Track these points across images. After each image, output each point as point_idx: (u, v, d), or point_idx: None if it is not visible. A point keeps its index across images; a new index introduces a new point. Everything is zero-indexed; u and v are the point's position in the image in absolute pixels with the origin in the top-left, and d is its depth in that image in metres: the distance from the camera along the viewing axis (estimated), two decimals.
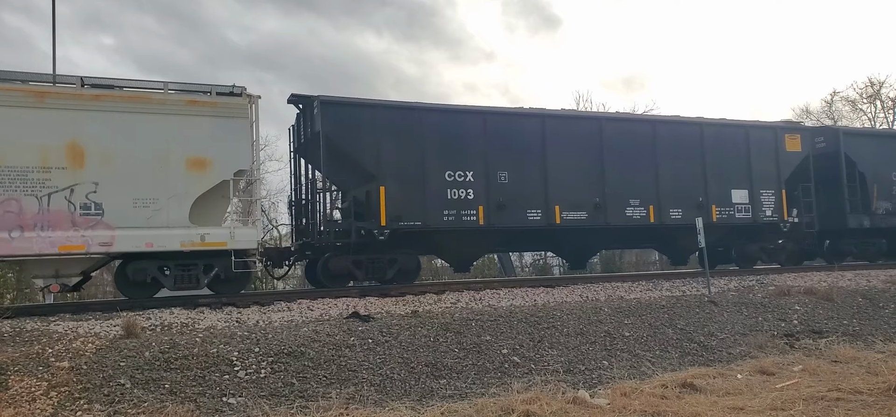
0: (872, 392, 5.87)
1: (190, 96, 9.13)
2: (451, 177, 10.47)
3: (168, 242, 8.70)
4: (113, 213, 8.47)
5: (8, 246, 7.98)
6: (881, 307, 10.18)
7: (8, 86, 8.40)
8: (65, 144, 8.34)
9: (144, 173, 8.68)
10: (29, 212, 8.13)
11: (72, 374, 5.79)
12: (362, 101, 10.47)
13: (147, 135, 8.73)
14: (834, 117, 29.17)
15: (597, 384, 6.58)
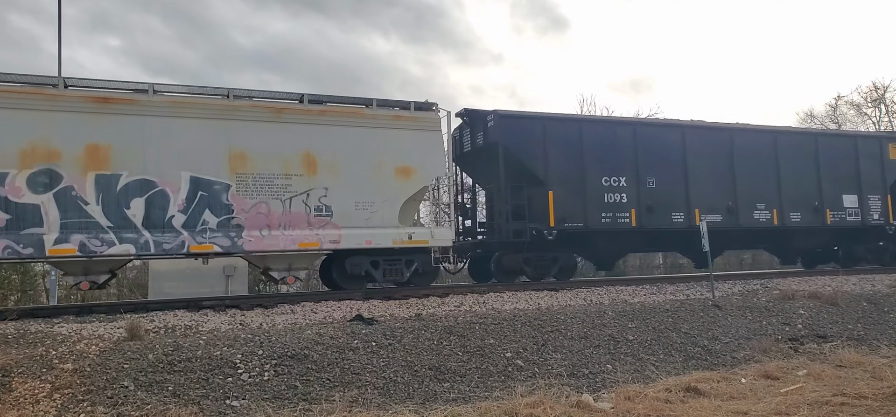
0: (877, 396, 5.83)
1: (394, 112, 10.40)
2: (607, 183, 11.70)
3: (382, 240, 9.98)
4: (340, 215, 9.77)
5: (260, 242, 9.29)
6: (886, 311, 10.13)
7: (255, 103, 9.67)
8: (301, 154, 9.62)
9: (363, 180, 9.94)
10: (275, 214, 9.41)
11: (75, 376, 5.80)
12: (533, 115, 11.73)
13: (363, 146, 10.00)
14: (838, 121, 29.12)
15: (600, 388, 6.56)
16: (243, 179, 9.29)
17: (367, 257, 10.02)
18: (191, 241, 8.99)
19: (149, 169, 8.86)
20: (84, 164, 8.59)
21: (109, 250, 8.65)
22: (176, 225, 8.95)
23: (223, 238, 9.14)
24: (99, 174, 8.62)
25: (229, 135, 9.29)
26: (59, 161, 8.47)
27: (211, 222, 9.08)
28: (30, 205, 8.32)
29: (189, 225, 8.99)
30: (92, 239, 8.54)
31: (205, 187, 9.12)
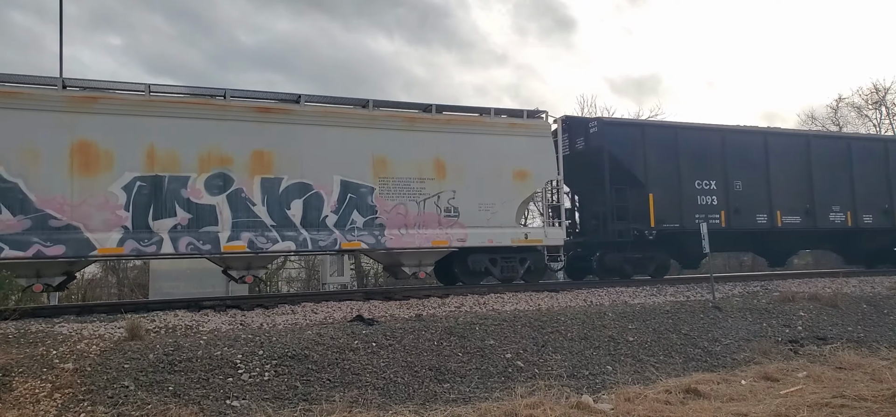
0: (877, 398, 5.83)
1: (511, 119, 11.19)
2: (700, 186, 12.50)
3: (502, 239, 10.79)
4: (465, 215, 10.58)
5: (399, 240, 10.13)
6: (886, 313, 10.14)
7: (391, 112, 10.53)
8: (432, 160, 10.46)
9: (485, 183, 10.73)
10: (411, 214, 10.29)
11: (76, 376, 5.81)
12: (633, 121, 13.29)
13: (485, 151, 10.77)
14: (839, 123, 29.12)
15: (600, 389, 6.57)
16: (385, 183, 10.19)
17: (487, 255, 10.91)
18: (342, 239, 9.84)
19: (306, 173, 9.69)
20: (251, 169, 9.43)
21: (274, 247, 9.49)
22: (329, 225, 9.81)
23: (369, 236, 10.01)
24: (264, 177, 9.46)
25: (372, 142, 10.16)
26: (230, 166, 9.31)
27: (358, 222, 9.97)
28: (207, 206, 9.17)
29: (340, 224, 9.86)
30: (259, 236, 9.34)
31: (353, 190, 10.00)
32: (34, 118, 8.46)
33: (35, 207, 8.37)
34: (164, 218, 8.91)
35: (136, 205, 8.79)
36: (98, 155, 8.66)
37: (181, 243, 8.97)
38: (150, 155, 8.89)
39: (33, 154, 8.40)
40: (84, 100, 8.76)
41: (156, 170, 8.90)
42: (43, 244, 8.36)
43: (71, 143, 8.57)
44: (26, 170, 8.35)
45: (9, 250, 8.20)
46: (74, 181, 8.53)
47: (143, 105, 9.00)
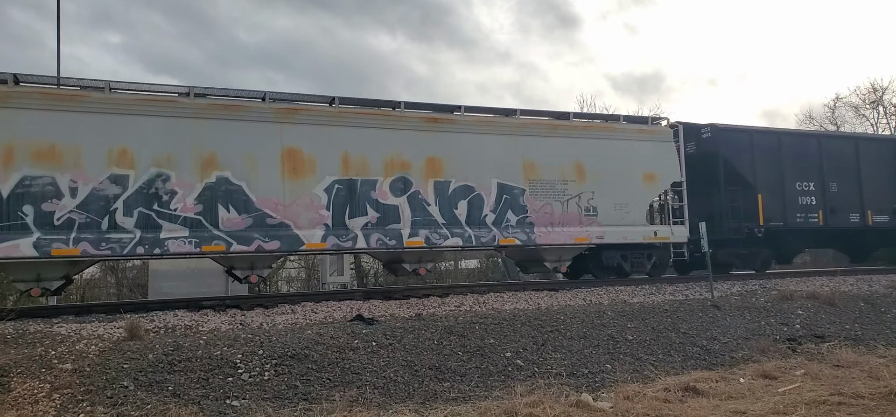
0: (874, 396, 5.86)
1: (638, 126, 12.23)
2: (800, 187, 13.50)
3: (634, 236, 11.72)
4: (603, 214, 11.50)
5: (547, 237, 11.08)
6: (883, 311, 10.17)
7: (536, 120, 11.53)
8: (573, 163, 11.42)
9: (619, 184, 11.64)
10: (556, 213, 11.22)
11: (75, 376, 5.80)
12: (742, 127, 13.81)
13: (618, 155, 11.69)
14: (837, 122, 29.18)
15: (600, 387, 6.58)
16: (534, 184, 11.14)
17: (618, 251, 11.85)
18: (499, 236, 10.75)
19: (469, 176, 10.68)
20: (425, 173, 10.44)
21: (445, 243, 10.44)
22: (488, 223, 10.74)
23: (521, 233, 10.94)
24: (436, 180, 10.48)
25: (521, 147, 11.13)
26: (409, 170, 10.32)
27: (512, 220, 10.90)
28: (392, 206, 10.17)
29: (497, 222, 10.77)
30: (433, 233, 10.34)
31: (508, 191, 10.93)
32: (251, 128, 9.48)
33: (255, 207, 9.34)
34: (358, 216, 9.93)
35: (335, 205, 9.80)
36: (303, 161, 9.69)
37: (372, 239, 9.97)
38: (345, 160, 9.93)
39: (252, 160, 9.39)
40: (288, 111, 9.81)
41: (350, 175, 9.93)
42: (262, 240, 9.32)
43: (281, 150, 9.57)
44: (248, 174, 9.33)
45: (236, 245, 9.17)
46: (285, 184, 9.55)
47: (336, 116, 10.05)
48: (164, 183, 8.89)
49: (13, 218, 8.20)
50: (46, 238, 8.28)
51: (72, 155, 8.49)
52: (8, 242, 8.12)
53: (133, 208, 8.72)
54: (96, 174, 8.59)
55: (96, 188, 8.58)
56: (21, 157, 8.28)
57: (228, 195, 9.17)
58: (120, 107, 8.89)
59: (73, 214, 8.46)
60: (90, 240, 8.46)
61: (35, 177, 8.31)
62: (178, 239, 8.89)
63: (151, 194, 8.82)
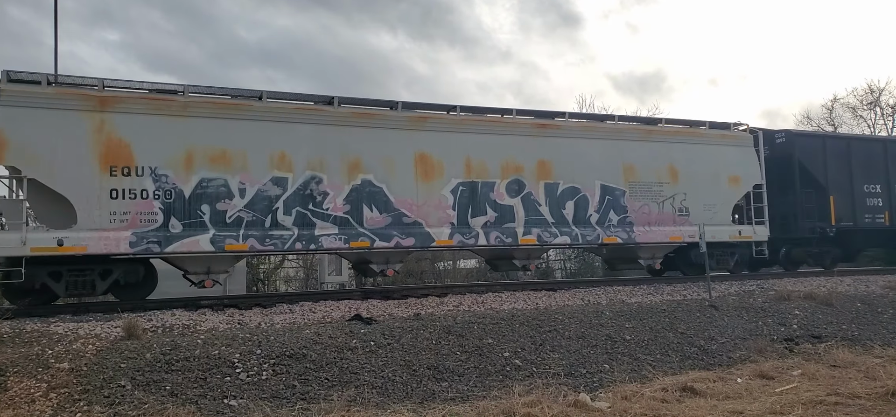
0: (870, 396, 5.88)
1: (721, 131, 13.08)
2: (867, 189, 14.35)
3: (722, 235, 12.43)
4: (694, 214, 12.25)
5: (645, 236, 11.93)
6: (880, 312, 10.21)
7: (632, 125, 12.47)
8: (667, 166, 12.22)
9: (707, 186, 12.45)
10: (653, 214, 12.02)
11: (72, 376, 5.78)
12: (815, 133, 15.97)
13: (706, 159, 12.51)
14: (835, 123, 29.27)
15: (598, 387, 6.59)
16: (633, 186, 11.90)
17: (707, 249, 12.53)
18: (603, 235, 11.52)
19: (575, 178, 11.43)
20: (537, 175, 11.21)
21: (554, 240, 11.25)
22: (592, 222, 11.49)
23: (622, 232, 11.66)
24: (546, 183, 11.25)
25: (620, 151, 11.89)
26: (522, 173, 11.09)
27: (614, 220, 11.65)
28: (508, 206, 10.94)
29: (600, 222, 11.55)
30: (544, 232, 11.11)
31: (610, 192, 11.69)
32: (387, 135, 10.28)
33: (394, 207, 10.17)
34: (479, 216, 10.73)
35: (459, 205, 10.61)
36: (433, 164, 10.52)
37: (491, 236, 10.76)
38: (468, 164, 10.74)
39: (390, 164, 10.21)
40: (418, 119, 10.64)
41: (472, 177, 10.75)
42: (400, 237, 10.15)
43: (414, 155, 10.40)
44: (387, 177, 10.15)
45: (378, 241, 9.98)
46: (418, 186, 10.37)
47: (458, 123, 10.88)
48: (318, 184, 9.75)
49: (193, 217, 9.05)
50: (220, 234, 9.12)
51: (240, 159, 9.34)
52: (190, 238, 8.96)
53: (292, 207, 9.55)
54: (260, 176, 9.42)
55: (261, 189, 9.42)
56: (199, 161, 9.12)
57: (371, 196, 10.06)
58: (278, 116, 9.71)
59: (242, 213, 9.31)
60: (256, 237, 9.31)
61: (211, 179, 9.18)
62: (329, 235, 9.73)
63: (307, 195, 9.67)
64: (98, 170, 8.61)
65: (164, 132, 8.98)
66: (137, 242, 8.69)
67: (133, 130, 8.82)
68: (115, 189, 8.66)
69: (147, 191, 8.81)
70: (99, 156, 8.64)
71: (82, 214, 8.48)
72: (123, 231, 8.66)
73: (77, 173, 8.50)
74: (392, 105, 10.59)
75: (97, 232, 8.50)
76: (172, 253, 8.93)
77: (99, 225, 8.53)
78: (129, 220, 8.70)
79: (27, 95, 8.49)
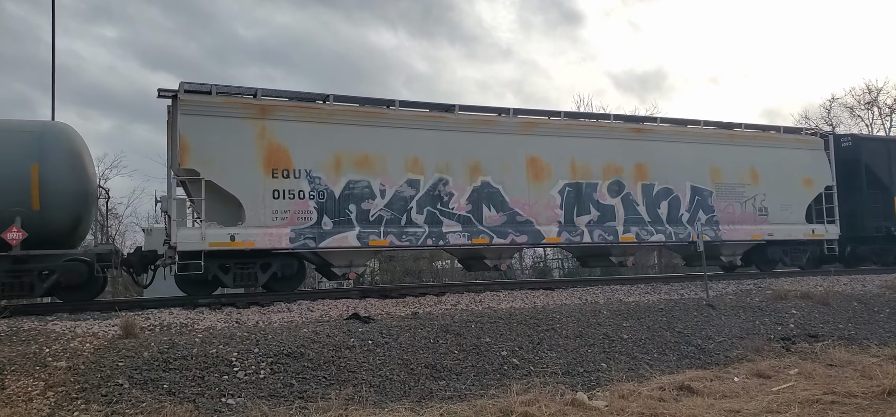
0: (867, 395, 5.91)
1: (794, 136, 14.03)
2: None
3: (796, 234, 13.37)
4: (772, 214, 13.13)
5: (730, 233, 12.68)
6: (876, 311, 10.24)
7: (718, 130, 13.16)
8: (748, 169, 13.02)
9: (784, 187, 13.28)
10: (736, 213, 12.81)
11: (69, 374, 5.77)
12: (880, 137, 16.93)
13: (781, 161, 13.32)
14: (832, 123, 29.35)
15: (595, 386, 6.60)
16: (719, 187, 12.70)
17: (781, 247, 13.42)
18: (693, 232, 12.07)
19: (668, 180, 12.23)
20: (635, 177, 11.98)
21: (650, 238, 12.02)
22: (683, 221, 12.30)
23: (710, 230, 12.41)
24: (643, 184, 12.03)
25: (707, 154, 12.66)
26: (621, 174, 11.88)
27: (703, 219, 12.44)
28: (609, 206, 11.73)
29: (690, 221, 12.31)
30: (642, 230, 11.90)
31: (699, 193, 12.53)
32: (502, 140, 11.06)
33: (509, 207, 10.97)
34: (583, 215, 11.52)
35: (566, 204, 11.40)
36: (542, 167, 11.31)
37: (594, 234, 11.55)
38: (573, 166, 11.54)
39: (505, 167, 11.01)
40: (529, 124, 11.49)
41: (577, 178, 11.54)
42: (515, 234, 10.95)
43: (526, 158, 11.19)
44: (503, 178, 10.95)
45: (496, 238, 10.80)
46: (530, 187, 11.17)
47: (564, 128, 11.68)
48: (444, 186, 10.59)
49: (342, 215, 9.92)
50: (365, 231, 9.98)
51: (380, 163, 10.18)
52: (340, 234, 9.82)
53: (423, 207, 10.42)
54: (397, 178, 10.27)
55: (398, 190, 10.26)
56: (346, 165, 10.00)
57: (490, 196, 10.89)
58: (408, 123, 10.53)
59: (383, 212, 10.15)
60: (394, 233, 10.16)
61: (356, 181, 10.03)
62: (454, 232, 10.57)
63: (435, 195, 10.52)
64: (262, 172, 9.45)
65: (315, 137, 9.83)
66: (296, 238, 9.53)
67: (289, 136, 9.66)
68: (277, 189, 9.53)
69: (303, 191, 9.67)
70: (262, 160, 9.48)
71: (249, 213, 9.31)
72: (284, 228, 9.46)
73: (245, 175, 9.35)
74: (504, 111, 11.45)
75: (262, 229, 9.34)
76: (325, 248, 9.74)
77: (263, 223, 9.36)
78: (289, 218, 9.53)
79: (201, 104, 9.31)
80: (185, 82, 9.33)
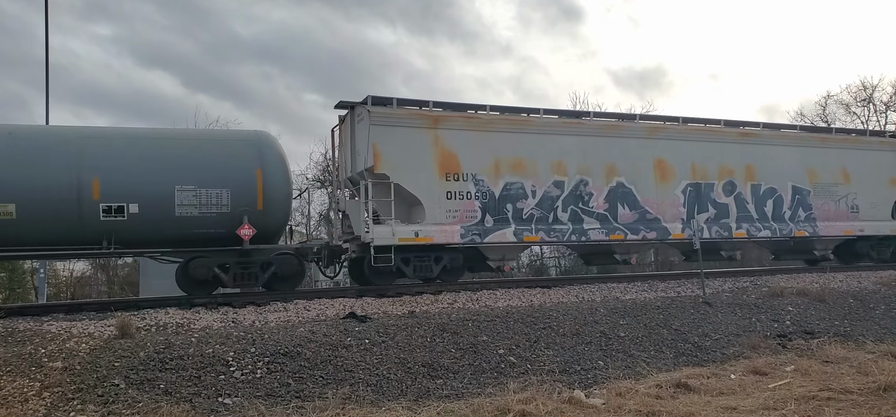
0: (863, 391, 5.93)
1: (881, 139, 15.46)
2: None
3: (884, 230, 14.59)
4: (862, 211, 14.39)
5: (825, 229, 13.80)
6: (872, 308, 10.28)
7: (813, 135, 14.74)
8: (840, 169, 14.31)
9: (872, 187, 14.53)
10: (831, 210, 14.09)
11: (65, 374, 5.75)
12: None
13: (870, 163, 14.66)
14: (828, 120, 29.44)
15: (592, 384, 6.61)
16: (816, 187, 13.95)
17: (868, 242, 14.50)
18: (794, 229, 13.52)
19: (772, 180, 13.46)
20: (744, 177, 13.21)
21: (759, 234, 13.20)
22: (786, 219, 13.51)
23: (808, 226, 13.71)
24: (752, 184, 13.28)
25: (804, 156, 13.98)
26: (733, 175, 13.12)
27: (802, 216, 13.67)
28: (723, 204, 12.94)
29: (791, 218, 13.55)
30: (751, 227, 13.12)
31: (798, 192, 13.75)
32: (631, 144, 12.23)
33: (640, 205, 12.15)
34: (702, 213, 12.65)
35: (688, 203, 12.55)
36: (667, 168, 12.47)
37: (712, 231, 12.63)
38: (693, 168, 12.69)
39: (636, 168, 12.10)
40: (654, 129, 12.78)
41: (696, 179, 12.74)
42: (646, 231, 12.12)
43: (653, 160, 12.39)
44: (634, 179, 12.09)
45: (630, 235, 11.95)
46: (657, 187, 12.36)
47: (685, 132, 12.91)
48: (585, 187, 11.74)
49: (501, 214, 11.12)
50: (520, 228, 11.19)
51: (531, 166, 11.39)
52: (499, 231, 11.04)
53: (567, 206, 11.59)
54: (545, 180, 11.48)
55: (546, 191, 11.49)
56: (504, 168, 11.21)
57: (623, 196, 12.02)
58: (551, 129, 11.71)
59: (534, 210, 11.34)
60: (544, 230, 11.36)
61: (512, 182, 11.23)
62: (593, 229, 11.69)
63: (577, 195, 11.67)
64: (437, 176, 10.76)
65: (478, 144, 11.06)
66: (465, 234, 10.82)
67: (457, 143, 10.94)
68: (449, 191, 10.83)
69: (470, 192, 10.93)
70: (437, 165, 10.79)
71: (429, 211, 10.58)
72: (455, 225, 10.77)
73: (424, 179, 10.64)
74: (631, 117, 13.16)
75: (439, 226, 10.63)
76: (488, 243, 10.93)
77: (439, 221, 10.66)
78: (458, 216, 10.83)
79: (387, 116, 10.58)
80: (373, 96, 10.55)
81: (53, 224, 8.65)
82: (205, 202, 9.26)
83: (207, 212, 9.26)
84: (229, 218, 9.34)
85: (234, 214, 9.36)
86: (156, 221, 9.05)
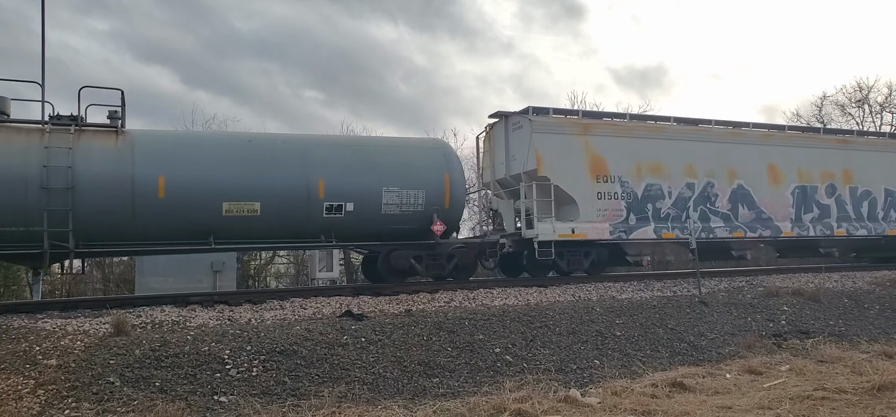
0: (857, 391, 5.96)
1: None
2: None
3: None
4: None
5: None
6: (866, 308, 10.33)
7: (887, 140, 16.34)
8: None
9: None
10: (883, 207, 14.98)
11: (60, 372, 5.73)
12: None
13: None
14: (823, 120, 29.54)
15: (588, 383, 6.62)
16: None
17: None
18: (887, 228, 14.53)
19: (867, 183, 14.54)
20: (843, 180, 14.31)
21: (856, 233, 14.23)
22: (878, 218, 14.62)
23: None
24: (850, 186, 14.42)
25: (893, 161, 15.03)
26: (834, 178, 14.20)
27: (892, 216, 14.80)
28: (826, 205, 14.05)
29: (885, 218, 14.60)
30: (849, 226, 14.19)
31: (891, 195, 14.81)
32: (747, 149, 13.42)
33: (756, 205, 13.22)
34: (807, 213, 13.79)
35: (796, 204, 13.68)
36: (778, 171, 13.60)
37: (816, 229, 13.77)
38: (799, 171, 13.85)
39: (752, 171, 13.28)
40: (766, 135, 14.07)
41: (802, 182, 13.79)
42: (762, 229, 13.18)
43: (766, 164, 13.48)
44: (751, 181, 13.19)
45: (748, 233, 12.99)
46: (769, 188, 13.43)
47: (788, 139, 14.21)
48: (711, 188, 12.80)
49: (642, 213, 12.21)
50: (658, 226, 12.29)
51: (667, 169, 12.48)
52: (641, 228, 12.13)
53: (697, 206, 12.67)
54: (679, 182, 12.57)
55: (680, 192, 12.57)
56: (644, 171, 12.31)
57: (743, 197, 13.08)
58: (684, 136, 12.93)
59: (669, 210, 12.45)
60: (678, 228, 12.36)
61: (652, 184, 12.33)
62: (719, 227, 12.77)
63: (705, 196, 12.75)
64: (589, 178, 11.85)
65: (622, 149, 12.13)
66: (613, 231, 11.85)
67: (605, 148, 12.01)
68: (600, 192, 11.89)
69: (617, 193, 11.98)
70: (589, 168, 11.88)
71: (582, 210, 11.65)
72: (604, 223, 11.81)
73: (578, 181, 11.73)
74: (744, 124, 13.94)
75: (591, 224, 11.69)
76: (632, 240, 11.99)
77: (591, 219, 11.72)
78: (607, 215, 11.87)
79: (545, 124, 11.81)
80: (533, 106, 11.95)
81: (288, 220, 9.89)
82: (405, 201, 10.59)
83: (406, 210, 10.59)
84: (422, 215, 10.70)
85: (427, 212, 10.69)
86: (365, 218, 10.31)
